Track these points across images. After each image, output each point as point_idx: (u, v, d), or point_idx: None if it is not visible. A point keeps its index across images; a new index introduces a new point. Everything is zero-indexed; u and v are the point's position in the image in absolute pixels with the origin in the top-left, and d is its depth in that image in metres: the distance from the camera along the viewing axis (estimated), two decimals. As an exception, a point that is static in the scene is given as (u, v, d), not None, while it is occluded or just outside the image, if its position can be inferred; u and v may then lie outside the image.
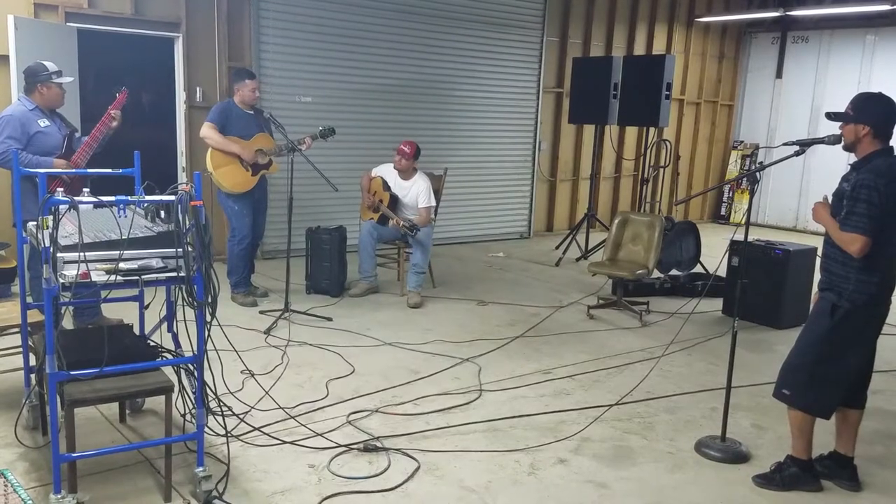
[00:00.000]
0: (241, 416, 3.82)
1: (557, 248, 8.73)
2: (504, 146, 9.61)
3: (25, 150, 4.56)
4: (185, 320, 3.23)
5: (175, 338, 3.54)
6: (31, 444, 3.48)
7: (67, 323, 4.66)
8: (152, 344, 3.47)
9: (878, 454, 3.83)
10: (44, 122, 4.71)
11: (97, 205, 2.96)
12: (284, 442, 3.62)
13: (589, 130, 9.85)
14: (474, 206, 9.44)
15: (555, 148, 10.12)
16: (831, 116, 3.32)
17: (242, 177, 5.83)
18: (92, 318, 4.90)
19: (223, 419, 3.43)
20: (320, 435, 3.70)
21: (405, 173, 6.45)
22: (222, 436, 3.41)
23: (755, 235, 6.52)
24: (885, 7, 9.59)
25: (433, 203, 6.52)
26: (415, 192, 6.41)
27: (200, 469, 3.11)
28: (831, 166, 9.05)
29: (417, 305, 6.23)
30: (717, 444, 3.75)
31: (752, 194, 3.75)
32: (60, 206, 2.77)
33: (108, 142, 4.84)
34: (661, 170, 9.52)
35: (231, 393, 3.91)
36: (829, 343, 3.28)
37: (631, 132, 10.56)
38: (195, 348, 3.07)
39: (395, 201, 6.42)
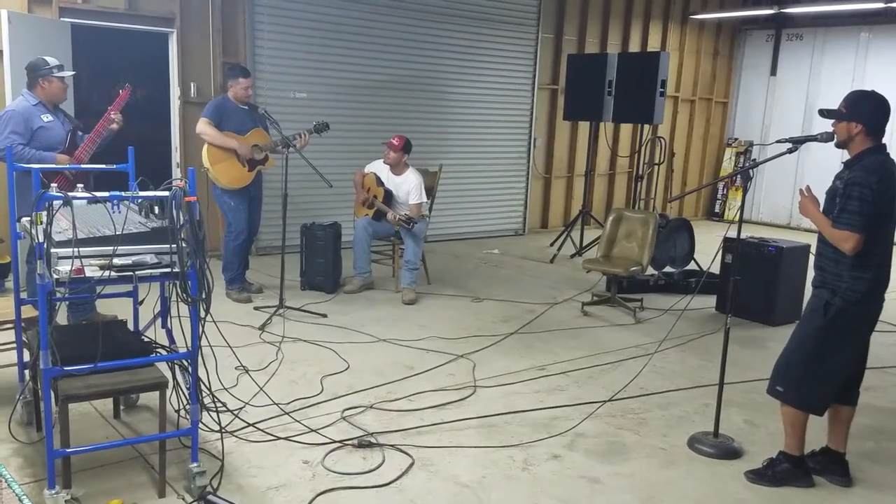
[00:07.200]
0: (236, 412, 3.82)
1: (552, 244, 8.74)
2: (499, 143, 9.62)
3: (28, 146, 4.55)
4: (179, 316, 3.24)
5: (169, 334, 3.54)
6: (25, 440, 3.48)
7: (62, 319, 4.66)
8: (146, 340, 3.47)
9: (869, 450, 3.85)
10: (47, 118, 4.70)
11: (91, 200, 2.96)
12: (279, 438, 3.63)
13: (584, 127, 9.85)
14: (469, 202, 9.44)
15: (549, 145, 10.13)
16: (824, 113, 3.34)
17: (239, 172, 5.83)
18: (86, 314, 4.89)
19: (217, 415, 3.45)
20: (315, 431, 3.71)
21: (397, 168, 6.45)
22: (217, 431, 3.42)
23: (749, 232, 6.58)
24: (879, 5, 9.62)
25: (424, 199, 6.50)
26: (406, 188, 6.40)
27: (195, 465, 3.11)
28: (825, 164, 9.03)
29: (412, 302, 6.24)
30: (709, 439, 3.77)
31: (745, 191, 3.77)
32: (54, 202, 2.76)
33: (112, 140, 4.82)
34: (656, 167, 9.53)
35: (225, 389, 3.90)
36: (823, 340, 3.30)
37: (626, 129, 10.58)
38: (189, 344, 3.07)
39: (389, 196, 6.41)
